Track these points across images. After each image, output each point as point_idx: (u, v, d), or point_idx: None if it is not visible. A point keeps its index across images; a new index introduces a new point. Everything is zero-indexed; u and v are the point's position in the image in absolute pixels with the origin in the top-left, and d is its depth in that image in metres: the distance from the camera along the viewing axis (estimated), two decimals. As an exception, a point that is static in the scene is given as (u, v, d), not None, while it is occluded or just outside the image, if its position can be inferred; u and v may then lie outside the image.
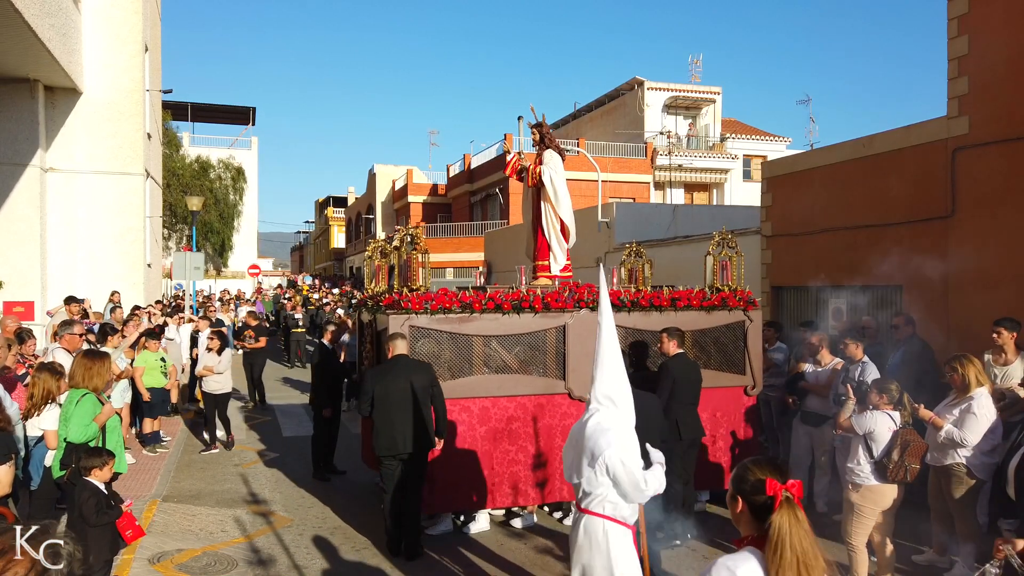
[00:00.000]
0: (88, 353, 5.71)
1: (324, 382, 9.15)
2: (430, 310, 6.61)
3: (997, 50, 8.37)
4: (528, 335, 6.90)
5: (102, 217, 14.85)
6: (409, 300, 6.60)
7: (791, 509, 2.27)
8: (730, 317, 7.43)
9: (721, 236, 7.78)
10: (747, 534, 2.38)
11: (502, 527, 7.12)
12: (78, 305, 11.01)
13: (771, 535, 2.25)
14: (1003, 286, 8.17)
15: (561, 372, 6.93)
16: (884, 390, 5.43)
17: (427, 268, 7.00)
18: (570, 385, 6.92)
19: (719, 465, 7.35)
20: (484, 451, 6.79)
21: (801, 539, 2.24)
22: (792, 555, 2.22)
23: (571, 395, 6.92)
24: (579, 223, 19.69)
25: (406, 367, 6.23)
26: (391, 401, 6.12)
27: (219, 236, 37.21)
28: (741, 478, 2.41)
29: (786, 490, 2.28)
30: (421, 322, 6.62)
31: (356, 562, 6.24)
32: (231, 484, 8.63)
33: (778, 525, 2.25)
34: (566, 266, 8.13)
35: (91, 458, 4.78)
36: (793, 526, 2.24)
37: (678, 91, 33.37)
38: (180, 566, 5.98)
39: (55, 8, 11.74)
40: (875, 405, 5.43)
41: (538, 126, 8.12)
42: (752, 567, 2.26)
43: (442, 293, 6.76)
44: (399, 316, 6.58)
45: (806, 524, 2.27)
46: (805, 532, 2.25)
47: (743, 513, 2.38)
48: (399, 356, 6.26)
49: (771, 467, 2.39)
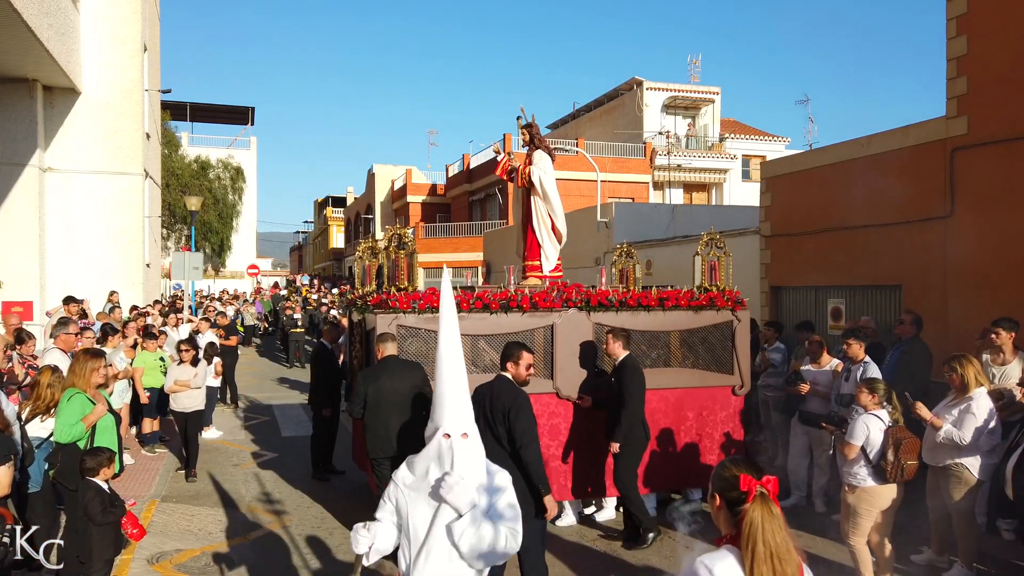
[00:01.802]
0: (86, 352, 5.71)
1: (323, 382, 9.14)
2: (418, 309, 6.63)
3: (996, 50, 8.38)
4: (516, 335, 6.91)
5: (101, 217, 14.84)
6: (397, 299, 6.61)
7: (765, 504, 2.29)
8: (718, 317, 7.44)
9: (710, 236, 7.80)
10: (726, 532, 2.40)
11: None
12: (76, 305, 11.01)
13: (744, 529, 2.27)
14: (1001, 286, 8.18)
15: (549, 371, 6.95)
16: (874, 388, 5.47)
17: (415, 268, 7.01)
18: (558, 384, 6.93)
19: (711, 464, 7.37)
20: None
21: (774, 533, 2.25)
22: (765, 548, 2.23)
23: (559, 394, 6.94)
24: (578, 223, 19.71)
25: (398, 368, 6.24)
26: (384, 402, 6.12)
27: (218, 236, 37.16)
28: (718, 475, 2.45)
29: (760, 485, 2.30)
30: (409, 321, 6.62)
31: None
32: (230, 484, 8.63)
33: (751, 519, 2.26)
34: (557, 266, 8.16)
35: (95, 458, 4.77)
36: (766, 520, 2.26)
37: (677, 91, 33.39)
38: (179, 566, 5.98)
39: (54, 8, 11.73)
40: (864, 405, 5.45)
41: (528, 127, 8.17)
42: (729, 564, 2.28)
43: (430, 292, 6.78)
44: (387, 315, 6.59)
45: (780, 519, 2.28)
46: (779, 527, 2.27)
47: (721, 510, 2.41)
48: (389, 357, 6.27)
49: (746, 464, 2.42)
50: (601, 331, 7.07)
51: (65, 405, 5.25)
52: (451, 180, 39.76)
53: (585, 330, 7.01)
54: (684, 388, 7.33)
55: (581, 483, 6.98)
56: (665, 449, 7.25)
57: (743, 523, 2.28)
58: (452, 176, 39.67)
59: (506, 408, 4.79)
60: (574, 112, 38.55)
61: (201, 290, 30.60)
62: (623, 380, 6.45)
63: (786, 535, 2.28)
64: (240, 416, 12.94)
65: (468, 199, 37.38)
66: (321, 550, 6.51)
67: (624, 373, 6.48)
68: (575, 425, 6.95)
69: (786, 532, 2.29)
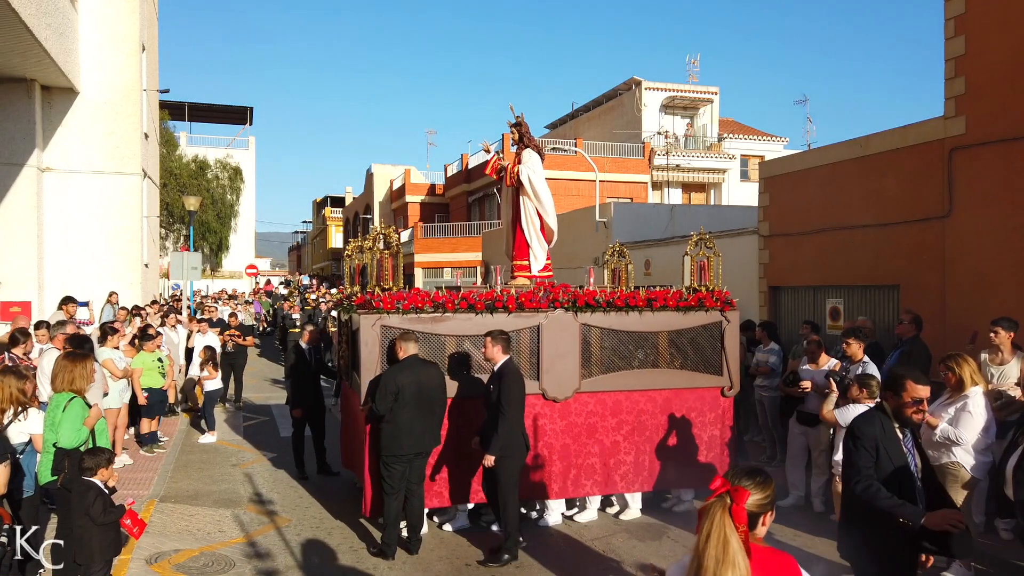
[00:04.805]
0: (69, 355, 5.60)
1: (295, 383, 9.31)
2: (402, 310, 6.62)
3: (994, 50, 8.40)
4: None
5: (99, 217, 14.81)
6: (381, 300, 6.60)
7: (721, 504, 2.37)
8: (707, 318, 7.42)
9: (699, 236, 7.80)
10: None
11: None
12: (74, 305, 11.00)
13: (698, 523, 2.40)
14: (999, 286, 8.20)
15: (535, 372, 6.94)
16: (864, 384, 5.71)
17: (400, 268, 7.00)
18: (544, 386, 6.93)
19: (699, 465, 7.38)
20: (453, 450, 6.81)
21: (726, 534, 2.32)
22: (707, 544, 2.34)
23: (545, 395, 6.94)
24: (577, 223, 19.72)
25: (422, 366, 6.30)
26: (415, 400, 6.16)
27: (216, 236, 37.12)
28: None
29: (729, 491, 2.38)
30: (393, 322, 6.61)
31: (354, 561, 6.24)
32: (229, 484, 8.62)
33: (702, 509, 2.41)
34: (546, 266, 8.15)
35: (94, 458, 4.77)
36: (717, 517, 2.35)
37: (676, 91, 33.39)
38: (178, 566, 5.98)
39: (52, 7, 11.72)
40: (856, 399, 5.63)
41: (517, 125, 8.16)
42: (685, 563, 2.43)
43: (415, 292, 6.77)
44: (370, 316, 6.58)
45: (732, 525, 2.34)
46: (730, 529, 2.33)
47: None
48: (412, 356, 6.29)
49: (745, 473, 2.53)
50: (588, 332, 7.06)
51: (65, 411, 5.21)
52: (450, 180, 39.75)
53: (572, 331, 6.99)
54: (673, 389, 7.32)
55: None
56: (654, 450, 7.26)
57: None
58: (451, 176, 39.66)
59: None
60: (573, 112, 38.55)
61: (200, 290, 30.58)
62: (501, 387, 6.07)
63: (738, 544, 2.32)
64: (239, 416, 12.93)
65: (467, 199, 37.38)
66: (320, 550, 6.51)
67: (502, 380, 6.10)
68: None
69: (738, 542, 2.33)
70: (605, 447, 7.12)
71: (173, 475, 8.87)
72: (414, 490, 6.36)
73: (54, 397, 5.38)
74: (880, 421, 3.97)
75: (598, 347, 7.17)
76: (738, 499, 2.36)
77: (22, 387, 5.38)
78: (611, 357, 7.21)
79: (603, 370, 7.16)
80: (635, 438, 7.20)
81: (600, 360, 7.17)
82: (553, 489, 7.00)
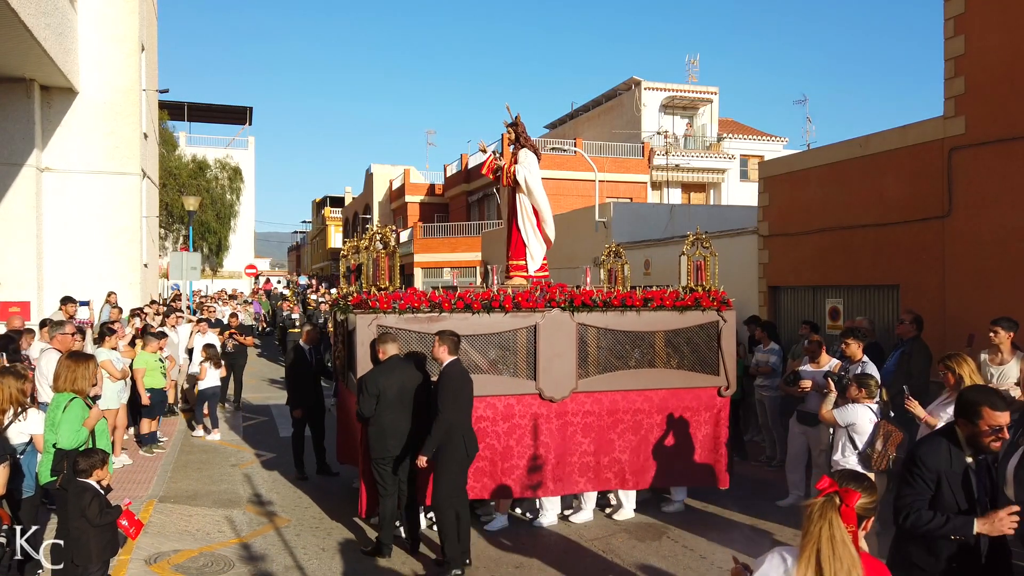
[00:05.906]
0: (72, 355, 5.61)
1: (294, 383, 9.29)
2: (398, 309, 6.61)
3: (993, 50, 8.40)
4: (498, 335, 6.90)
5: (98, 217, 14.82)
6: (377, 299, 6.59)
7: (831, 505, 2.51)
8: (703, 317, 7.41)
9: (695, 236, 7.80)
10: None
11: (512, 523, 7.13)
12: (74, 305, 11.00)
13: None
14: (999, 286, 8.20)
15: (532, 372, 6.94)
16: (863, 384, 5.78)
17: (396, 267, 7.00)
18: (541, 385, 6.92)
19: (695, 464, 7.38)
20: None
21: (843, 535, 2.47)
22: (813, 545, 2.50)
23: (542, 395, 6.93)
24: (576, 223, 19.69)
25: (406, 366, 6.29)
26: (398, 401, 6.16)
27: (216, 236, 37.06)
28: None
29: (839, 492, 2.52)
30: (389, 321, 6.60)
31: (354, 561, 6.24)
32: (228, 484, 8.62)
33: (810, 511, 2.56)
34: (543, 266, 8.15)
35: (88, 459, 4.76)
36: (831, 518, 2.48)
37: (675, 91, 33.38)
38: (177, 567, 5.97)
39: (51, 7, 11.72)
40: (854, 398, 5.74)
41: (513, 125, 8.16)
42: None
43: (411, 292, 6.77)
44: (366, 315, 6.57)
45: (838, 527, 2.48)
46: (846, 531, 2.47)
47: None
48: (393, 357, 6.28)
49: (852, 477, 2.72)
50: (585, 331, 7.06)
51: (66, 412, 5.20)
52: (449, 180, 39.74)
53: (569, 330, 6.99)
54: (669, 389, 7.31)
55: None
56: (650, 449, 7.26)
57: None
58: (450, 176, 39.65)
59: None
60: (572, 112, 38.54)
61: (199, 290, 30.56)
62: (438, 387, 5.94)
63: (844, 543, 2.44)
64: (238, 416, 12.92)
65: (466, 199, 37.37)
66: (319, 550, 6.50)
67: (440, 380, 5.95)
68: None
69: (846, 540, 2.45)
70: (601, 445, 7.13)
71: (172, 475, 8.87)
72: (406, 490, 6.38)
73: (55, 397, 5.37)
74: (948, 450, 3.58)
75: (595, 347, 7.16)
76: (848, 500, 2.39)
77: (22, 387, 5.38)
78: (608, 357, 7.20)
79: (600, 370, 7.16)
80: (631, 437, 7.20)
81: (597, 360, 7.17)
82: (549, 487, 7.00)
